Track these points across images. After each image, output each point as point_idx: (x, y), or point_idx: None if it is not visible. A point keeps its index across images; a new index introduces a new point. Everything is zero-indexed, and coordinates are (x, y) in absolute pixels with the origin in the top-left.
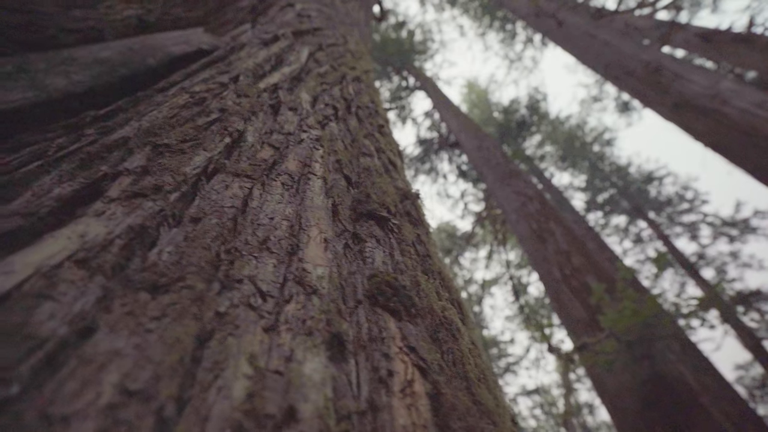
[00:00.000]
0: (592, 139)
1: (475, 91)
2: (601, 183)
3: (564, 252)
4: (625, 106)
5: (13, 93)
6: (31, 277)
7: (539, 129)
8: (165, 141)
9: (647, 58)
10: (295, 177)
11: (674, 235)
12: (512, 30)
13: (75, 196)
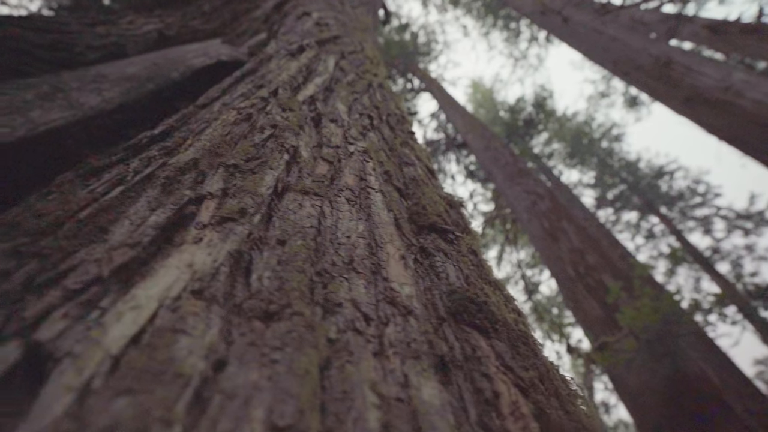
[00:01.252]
0: (600, 135)
1: (480, 90)
2: (610, 179)
3: (577, 250)
4: (633, 101)
5: (52, 113)
6: (158, 310)
7: (546, 127)
8: (233, 161)
9: (656, 52)
10: (355, 192)
11: (687, 230)
12: (516, 28)
13: (169, 222)
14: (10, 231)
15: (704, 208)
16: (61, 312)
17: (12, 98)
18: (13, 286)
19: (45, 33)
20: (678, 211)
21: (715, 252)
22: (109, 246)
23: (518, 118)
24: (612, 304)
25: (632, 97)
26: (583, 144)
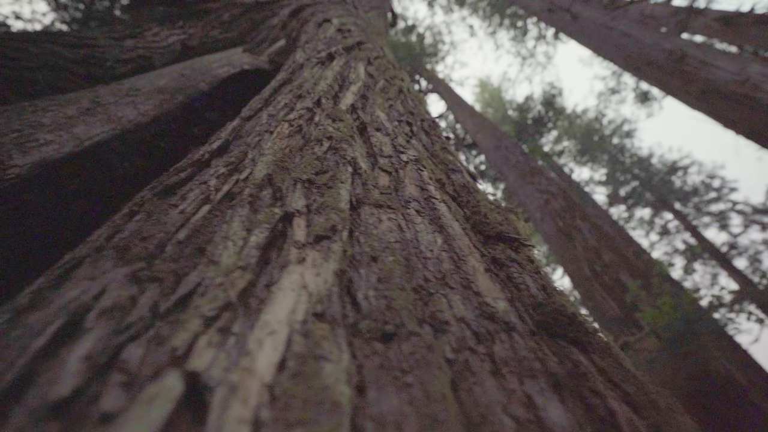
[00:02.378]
0: (610, 131)
1: (488, 90)
2: (622, 176)
3: (593, 248)
4: (644, 96)
5: (94, 128)
6: (292, 335)
7: (556, 125)
8: (306, 176)
9: (669, 46)
10: (420, 203)
11: (703, 226)
12: (523, 27)
13: (267, 242)
14: (123, 255)
15: (720, 203)
16: (205, 340)
17: (55, 114)
18: (143, 313)
19: (77, 48)
20: (693, 207)
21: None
22: (222, 269)
23: (527, 117)
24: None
25: (643, 92)
26: (594, 141)
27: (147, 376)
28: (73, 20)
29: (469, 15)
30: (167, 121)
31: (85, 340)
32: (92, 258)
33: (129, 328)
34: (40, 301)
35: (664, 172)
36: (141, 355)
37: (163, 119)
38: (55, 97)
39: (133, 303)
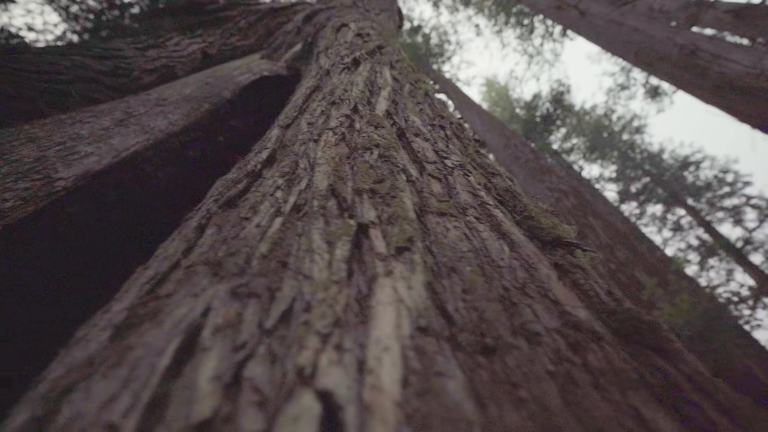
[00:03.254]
0: (620, 128)
1: (495, 89)
2: (633, 172)
3: (607, 246)
4: (654, 91)
5: (129, 138)
6: (404, 351)
7: (564, 122)
8: (366, 186)
9: (681, 41)
10: (477, 209)
11: (717, 221)
12: (530, 25)
13: (351, 254)
14: (217, 271)
15: (734, 197)
16: (326, 358)
17: (92, 126)
18: (252, 330)
19: (105, 60)
20: (706, 202)
21: (748, 243)
22: (318, 283)
23: (535, 115)
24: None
25: (653, 87)
26: (603, 137)
27: (280, 396)
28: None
29: (475, 14)
30: (195, 130)
31: (208, 359)
32: (182, 274)
33: (244, 347)
34: (147, 318)
35: (675, 167)
36: (264, 373)
37: (191, 128)
38: (89, 109)
39: (239, 320)
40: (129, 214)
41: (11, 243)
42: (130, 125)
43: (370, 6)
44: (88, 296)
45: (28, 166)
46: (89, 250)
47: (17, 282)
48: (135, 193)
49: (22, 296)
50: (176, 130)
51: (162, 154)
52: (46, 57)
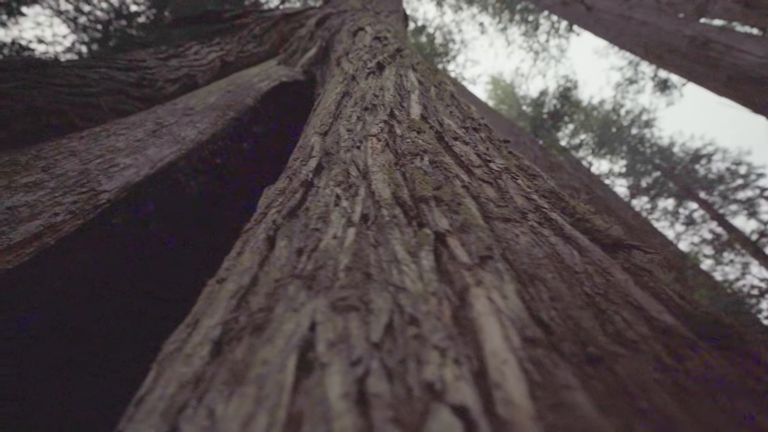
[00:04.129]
0: (629, 122)
1: (501, 86)
2: (643, 167)
3: None
4: (663, 84)
5: (163, 149)
6: (524, 365)
7: (572, 118)
8: (429, 194)
9: (691, 33)
10: (536, 213)
11: (730, 214)
12: (535, 21)
13: (436, 264)
14: (311, 285)
15: (747, 190)
16: (450, 372)
17: (127, 137)
18: (361, 345)
19: (130, 71)
20: (719, 195)
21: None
22: (415, 295)
23: (542, 112)
24: None
25: (662, 80)
26: (612, 133)
27: (413, 412)
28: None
29: (479, 12)
30: (222, 138)
31: (331, 375)
32: (271, 288)
33: (360, 362)
34: (247, 332)
35: (687, 160)
36: (388, 389)
37: (218, 136)
38: (120, 121)
39: (347, 334)
40: (165, 224)
41: (63, 256)
42: (163, 136)
43: (379, 8)
44: (131, 306)
45: (74, 179)
46: (130, 260)
47: (66, 295)
48: (170, 204)
49: (67, 310)
50: (205, 139)
51: (193, 164)
52: (74, 70)
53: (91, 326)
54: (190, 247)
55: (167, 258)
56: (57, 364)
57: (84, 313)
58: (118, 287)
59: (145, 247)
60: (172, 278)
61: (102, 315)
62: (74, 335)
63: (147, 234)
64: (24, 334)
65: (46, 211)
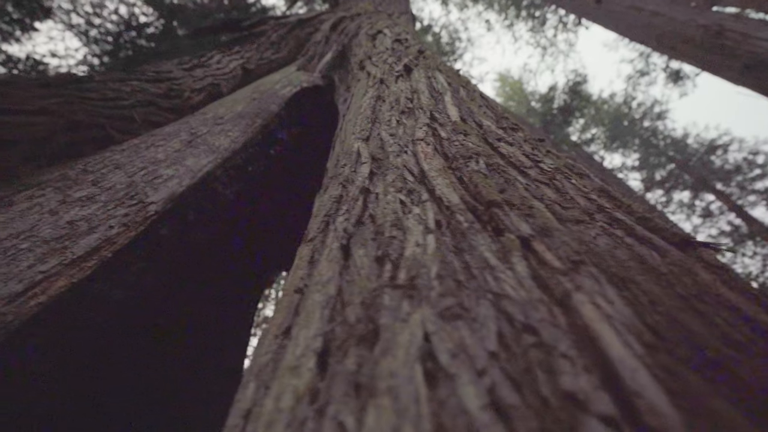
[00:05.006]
0: (641, 115)
1: (509, 83)
2: (656, 159)
3: None
4: (676, 75)
5: (201, 159)
6: (654, 372)
7: (583, 113)
8: (499, 198)
9: (705, 21)
10: (602, 213)
11: (748, 205)
12: (541, 16)
13: (530, 272)
14: (412, 294)
15: (766, 179)
16: (587, 381)
17: (165, 148)
18: (482, 353)
19: (159, 83)
20: (736, 186)
21: None
22: (521, 302)
23: (552, 107)
24: None
25: (675, 71)
26: (624, 126)
27: (562, 424)
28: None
29: (485, 10)
30: (252, 146)
31: (463, 386)
32: (366, 298)
33: (485, 372)
34: (353, 344)
35: (701, 152)
36: (520, 400)
37: (249, 144)
38: (156, 132)
39: (464, 344)
40: (205, 232)
41: (120, 268)
42: (198, 146)
43: (389, 10)
44: (178, 314)
45: (122, 192)
46: (175, 267)
47: (124, 306)
48: (209, 212)
49: (123, 317)
50: (237, 148)
51: (228, 172)
52: (108, 84)
53: (141, 332)
54: (225, 252)
55: (205, 263)
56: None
57: (136, 321)
58: (165, 293)
59: (187, 255)
60: (208, 282)
61: (150, 321)
62: (127, 339)
63: (188, 242)
64: (91, 346)
65: (102, 224)
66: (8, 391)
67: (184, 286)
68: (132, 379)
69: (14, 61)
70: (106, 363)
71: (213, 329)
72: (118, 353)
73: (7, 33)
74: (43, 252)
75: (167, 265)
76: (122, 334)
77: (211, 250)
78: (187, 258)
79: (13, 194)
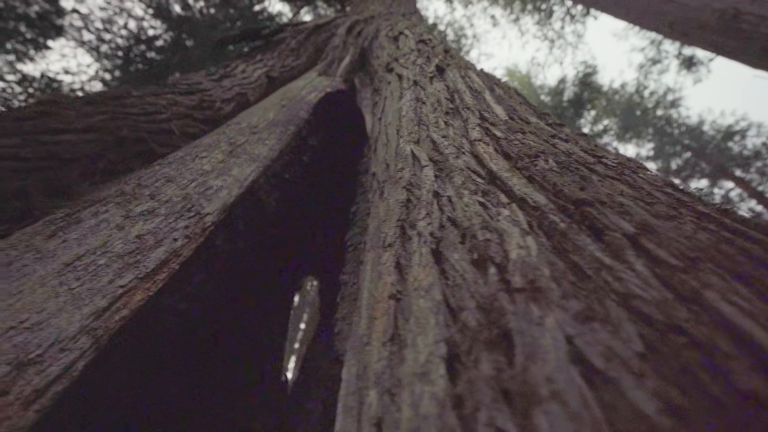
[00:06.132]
0: (653, 104)
1: (517, 78)
2: (672, 148)
3: None
4: (689, 62)
5: (245, 168)
6: None
7: (594, 104)
8: (587, 197)
9: (720, 6)
10: (685, 208)
11: None
12: (548, 9)
13: (650, 271)
14: (539, 297)
15: None
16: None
17: (210, 159)
18: (631, 355)
19: (191, 95)
20: (756, 172)
21: None
22: (656, 302)
23: (562, 100)
24: None
25: (688, 58)
26: (636, 116)
27: (746, 420)
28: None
29: (490, 5)
30: (287, 153)
31: (632, 389)
32: (482, 302)
33: (644, 375)
34: (484, 349)
35: (718, 138)
36: (692, 401)
37: (285, 151)
38: (197, 144)
39: (609, 346)
40: (252, 241)
41: (185, 280)
42: (240, 155)
43: (400, 11)
44: (225, 324)
45: (180, 204)
46: (226, 280)
47: (185, 319)
48: (255, 221)
49: (189, 329)
50: (275, 155)
51: (270, 180)
52: (145, 98)
53: (201, 340)
54: (263, 259)
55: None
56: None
57: (195, 330)
58: (217, 304)
59: (235, 265)
60: (250, 290)
61: (204, 331)
62: (190, 349)
63: (236, 252)
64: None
65: (167, 237)
66: (97, 410)
67: (231, 296)
68: (182, 390)
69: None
70: (162, 375)
71: (254, 337)
72: (173, 365)
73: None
74: (119, 267)
75: (221, 275)
76: (181, 346)
77: (253, 258)
78: (235, 268)
79: (79, 211)
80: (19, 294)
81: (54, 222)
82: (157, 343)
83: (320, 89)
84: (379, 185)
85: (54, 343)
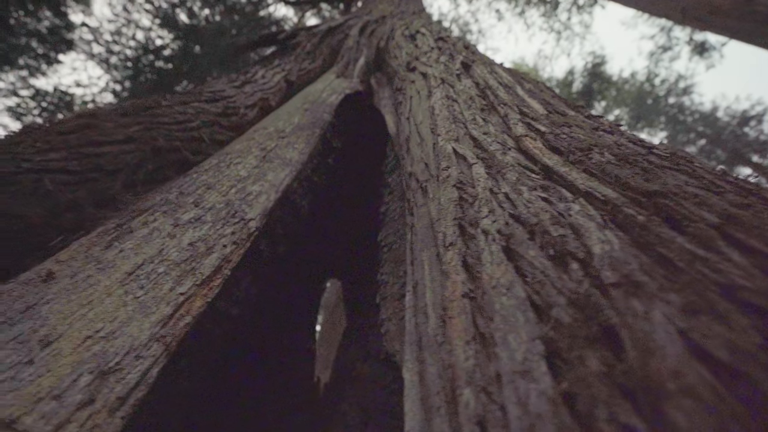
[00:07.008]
0: (665, 91)
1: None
2: (685, 136)
3: None
4: (701, 47)
5: (279, 173)
6: None
7: (604, 94)
8: (656, 188)
9: None
10: (753, 195)
11: None
12: (554, 0)
13: (749, 260)
14: (637, 292)
15: None
16: None
17: (244, 165)
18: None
19: (216, 102)
20: None
21: None
22: (760, 291)
23: (572, 92)
24: None
25: (699, 43)
26: (648, 104)
27: None
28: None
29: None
30: (315, 156)
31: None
32: (573, 298)
33: None
34: (590, 343)
35: (734, 124)
36: None
37: (313, 155)
38: (228, 150)
39: (726, 338)
40: (289, 245)
41: (235, 284)
42: (273, 160)
43: (409, 9)
44: (265, 327)
45: (224, 211)
46: (268, 284)
47: (236, 324)
48: (291, 225)
49: (236, 334)
50: (305, 159)
51: (302, 184)
52: (174, 108)
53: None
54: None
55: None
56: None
57: (242, 334)
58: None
59: (276, 270)
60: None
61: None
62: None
63: (276, 256)
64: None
65: (217, 243)
66: (166, 417)
67: (269, 299)
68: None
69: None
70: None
71: (286, 338)
72: (221, 370)
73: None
74: (178, 274)
75: (264, 280)
76: (231, 350)
77: (289, 262)
78: (275, 272)
79: (128, 221)
80: (89, 304)
81: (108, 233)
82: (214, 348)
83: (339, 91)
84: (419, 184)
85: (129, 351)
